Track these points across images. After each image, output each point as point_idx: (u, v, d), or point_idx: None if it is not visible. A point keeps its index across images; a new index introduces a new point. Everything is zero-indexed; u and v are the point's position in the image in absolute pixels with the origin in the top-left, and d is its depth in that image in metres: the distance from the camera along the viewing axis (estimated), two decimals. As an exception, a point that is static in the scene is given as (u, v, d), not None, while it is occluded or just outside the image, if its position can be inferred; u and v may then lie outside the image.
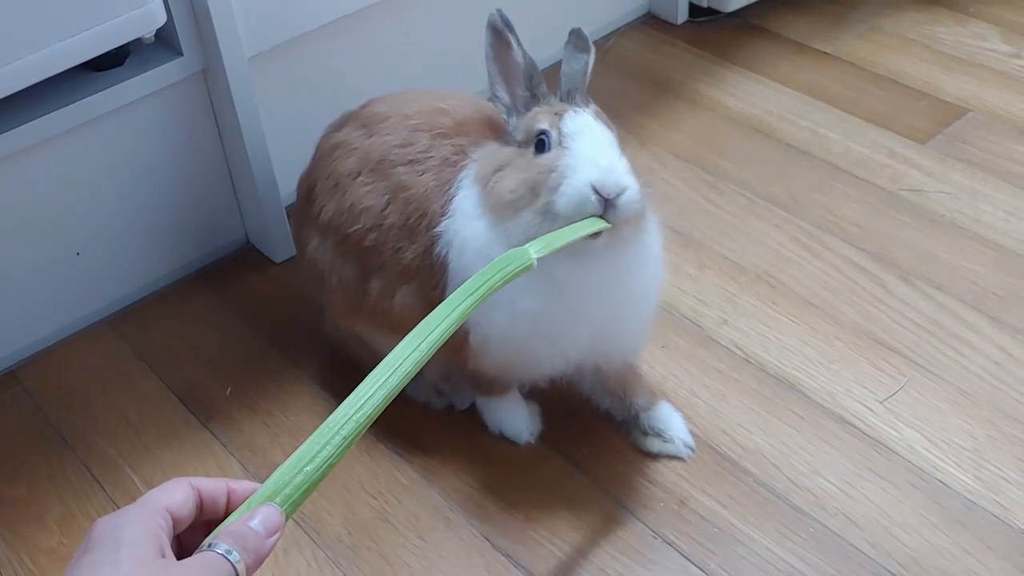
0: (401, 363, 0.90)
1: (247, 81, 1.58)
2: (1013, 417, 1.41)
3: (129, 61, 1.54)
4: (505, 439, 1.43)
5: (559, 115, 1.17)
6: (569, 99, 1.20)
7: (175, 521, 0.80)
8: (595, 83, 1.25)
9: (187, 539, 0.82)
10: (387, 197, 1.28)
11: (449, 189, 1.23)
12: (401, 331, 0.94)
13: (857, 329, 1.54)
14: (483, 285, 0.97)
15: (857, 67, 2.07)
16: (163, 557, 0.77)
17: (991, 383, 1.46)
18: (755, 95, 2.01)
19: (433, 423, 1.47)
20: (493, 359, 1.26)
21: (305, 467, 0.84)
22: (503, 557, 1.30)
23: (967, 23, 2.16)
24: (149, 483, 1.41)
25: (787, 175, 1.83)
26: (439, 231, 1.23)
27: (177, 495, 0.81)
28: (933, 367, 1.48)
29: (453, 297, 0.96)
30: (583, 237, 1.10)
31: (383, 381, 0.88)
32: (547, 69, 2.06)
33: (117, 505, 1.39)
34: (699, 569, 1.27)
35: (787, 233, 1.71)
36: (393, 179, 1.28)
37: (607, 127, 1.17)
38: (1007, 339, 1.51)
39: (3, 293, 1.56)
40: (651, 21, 2.23)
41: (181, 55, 1.55)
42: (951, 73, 2.03)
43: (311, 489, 0.84)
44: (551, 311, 1.19)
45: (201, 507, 0.83)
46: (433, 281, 1.24)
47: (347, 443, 0.85)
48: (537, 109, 1.20)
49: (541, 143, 1.16)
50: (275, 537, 0.82)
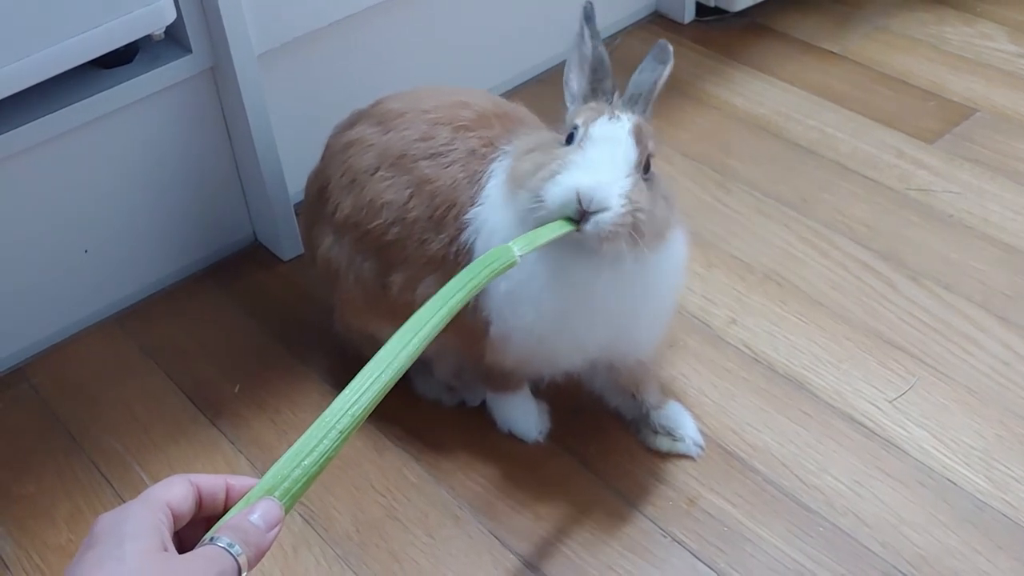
0: (394, 358, 0.91)
1: (256, 78, 1.58)
2: (1022, 416, 1.41)
3: (138, 58, 1.54)
4: (514, 437, 1.43)
5: (598, 116, 1.17)
6: (630, 104, 1.20)
7: (175, 517, 0.81)
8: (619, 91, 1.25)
9: (186, 535, 0.83)
10: (410, 191, 1.28)
11: (480, 179, 1.25)
12: None
13: (866, 328, 1.54)
14: (471, 281, 1.01)
15: (865, 67, 2.06)
16: (165, 551, 0.77)
17: (1000, 382, 1.45)
18: (763, 95, 2.01)
19: (441, 422, 1.47)
20: (514, 352, 1.26)
21: (303, 461, 0.84)
22: (512, 555, 1.30)
23: (974, 23, 2.16)
24: (157, 480, 1.38)
25: (795, 174, 1.83)
26: (468, 218, 1.24)
27: (177, 491, 0.82)
28: (942, 366, 1.48)
29: (443, 292, 0.99)
30: (562, 235, 1.11)
31: (377, 376, 0.90)
32: (553, 68, 2.06)
33: (125, 502, 1.39)
34: (708, 567, 1.27)
35: (795, 232, 1.71)
36: (416, 173, 1.28)
37: (636, 144, 1.15)
38: (1015, 338, 1.51)
39: (11, 290, 1.56)
40: (658, 20, 2.23)
41: (190, 52, 1.55)
42: (958, 73, 2.03)
43: (309, 483, 0.85)
44: (573, 309, 1.21)
45: (200, 503, 0.84)
46: (458, 269, 1.25)
47: (343, 437, 0.86)
48: (587, 105, 1.21)
49: (571, 137, 1.18)
50: (275, 531, 0.82)
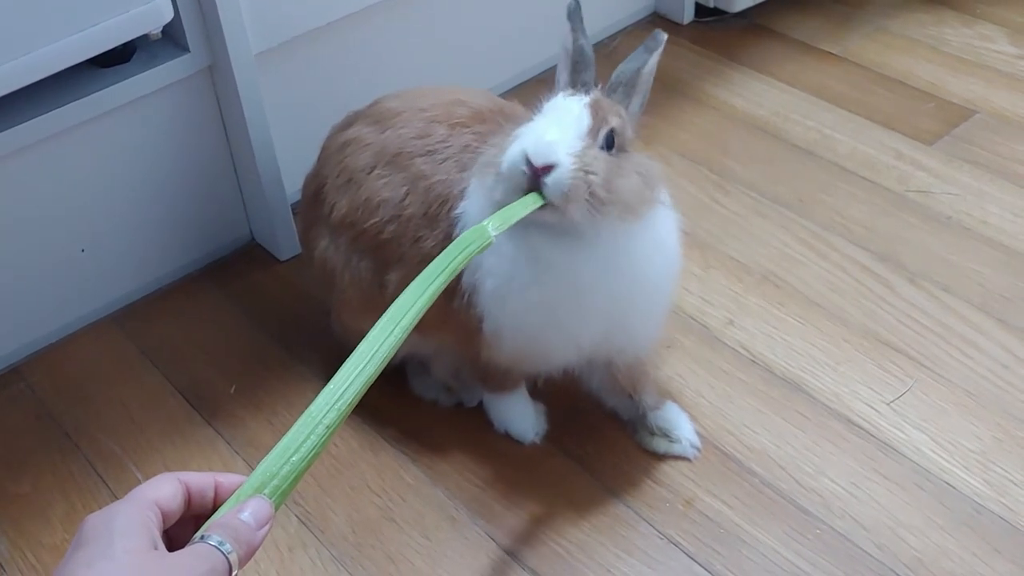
0: (376, 349, 0.91)
1: (253, 78, 1.58)
2: (1020, 419, 1.40)
3: (135, 57, 1.54)
4: (511, 438, 1.43)
5: (558, 95, 1.18)
6: (609, 93, 1.20)
7: (164, 515, 0.80)
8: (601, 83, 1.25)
9: (175, 534, 0.82)
10: (405, 188, 1.28)
11: (468, 173, 1.25)
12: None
13: (864, 330, 1.54)
14: (448, 266, 1.00)
15: (864, 68, 2.06)
16: (156, 549, 0.77)
17: (998, 385, 1.45)
18: (761, 95, 2.01)
19: (438, 422, 1.46)
20: (507, 348, 1.26)
21: (291, 458, 0.84)
22: (508, 556, 1.30)
23: (974, 24, 2.16)
24: (153, 480, 1.40)
25: (793, 175, 1.82)
26: (458, 213, 1.24)
27: (166, 489, 0.81)
28: (940, 369, 1.48)
29: (421, 279, 0.98)
30: (533, 212, 1.10)
31: (361, 368, 0.90)
32: (553, 68, 2.05)
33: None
34: (704, 569, 1.27)
35: (793, 234, 1.71)
36: (411, 170, 1.28)
37: (593, 115, 1.13)
38: (1014, 341, 1.51)
39: (8, 289, 1.55)
40: (657, 21, 2.23)
41: (188, 51, 1.55)
42: (958, 74, 2.03)
43: (298, 479, 0.85)
44: (561, 299, 1.20)
45: (189, 501, 0.83)
46: None
47: (330, 432, 0.86)
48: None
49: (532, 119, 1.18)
50: (266, 528, 0.82)
